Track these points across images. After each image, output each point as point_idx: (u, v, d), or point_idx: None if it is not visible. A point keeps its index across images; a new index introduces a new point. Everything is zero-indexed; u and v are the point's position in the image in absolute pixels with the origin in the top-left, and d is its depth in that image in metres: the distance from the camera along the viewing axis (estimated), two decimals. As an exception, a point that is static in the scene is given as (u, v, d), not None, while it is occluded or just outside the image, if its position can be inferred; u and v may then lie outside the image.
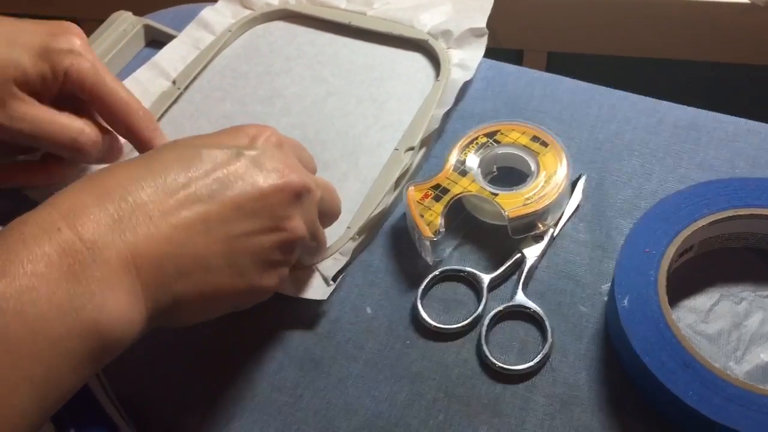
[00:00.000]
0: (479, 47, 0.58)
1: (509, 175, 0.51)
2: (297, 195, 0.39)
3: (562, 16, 0.94)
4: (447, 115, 0.55)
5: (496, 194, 0.47)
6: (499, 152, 0.50)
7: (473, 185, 0.48)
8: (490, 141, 0.51)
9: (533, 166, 0.49)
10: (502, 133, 0.51)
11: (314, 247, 0.44)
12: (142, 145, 0.50)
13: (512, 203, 0.47)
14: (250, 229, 0.37)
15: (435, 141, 0.55)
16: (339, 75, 0.60)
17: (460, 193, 0.48)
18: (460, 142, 0.51)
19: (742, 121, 0.53)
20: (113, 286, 0.32)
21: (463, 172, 0.49)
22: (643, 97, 0.55)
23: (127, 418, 0.42)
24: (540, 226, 0.48)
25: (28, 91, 0.47)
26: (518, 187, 0.48)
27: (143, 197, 0.34)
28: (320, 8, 0.64)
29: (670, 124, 0.53)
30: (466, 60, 0.57)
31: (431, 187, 0.49)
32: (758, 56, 0.91)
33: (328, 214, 0.45)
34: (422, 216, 0.47)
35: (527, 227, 0.47)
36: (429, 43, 0.59)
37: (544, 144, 0.50)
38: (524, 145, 0.50)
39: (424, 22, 0.60)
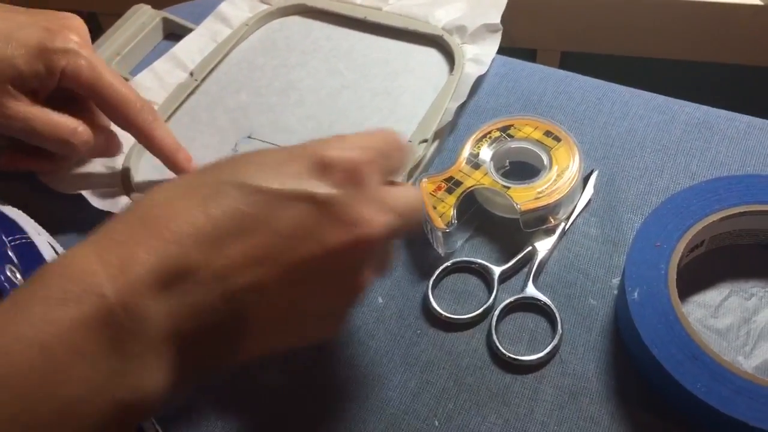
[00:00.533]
0: (493, 42, 0.58)
1: (521, 169, 0.51)
2: (369, 249, 0.33)
3: (576, 15, 0.94)
4: (460, 109, 0.56)
5: (509, 187, 0.48)
6: (512, 146, 0.51)
7: (486, 178, 0.49)
8: (504, 135, 0.51)
9: (546, 161, 0.49)
10: (515, 128, 0.51)
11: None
12: (142, 137, 0.51)
13: (524, 196, 0.47)
14: (309, 291, 0.33)
15: (448, 134, 0.56)
16: (354, 69, 0.60)
17: (472, 186, 0.48)
18: (473, 136, 0.51)
19: (754, 119, 0.53)
20: (150, 363, 0.29)
21: (476, 166, 0.50)
22: (655, 94, 0.56)
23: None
24: (551, 220, 0.48)
25: (23, 89, 0.47)
26: (530, 180, 0.48)
27: (197, 257, 0.30)
28: (336, 3, 0.65)
29: (682, 121, 0.54)
30: (480, 55, 0.58)
31: (444, 179, 0.49)
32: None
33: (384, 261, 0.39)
34: (435, 208, 0.48)
35: (539, 221, 0.48)
36: (443, 38, 0.59)
37: (557, 139, 0.50)
38: (537, 140, 0.50)
39: (439, 18, 0.61)
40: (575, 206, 0.49)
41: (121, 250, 0.30)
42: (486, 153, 0.50)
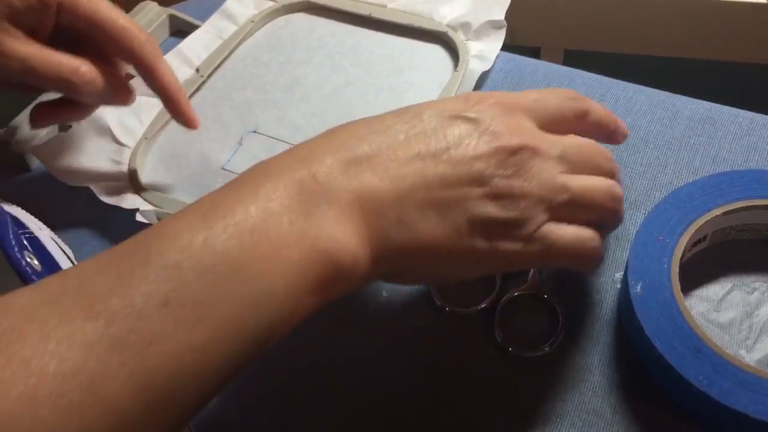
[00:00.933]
0: (497, 39, 0.59)
1: None
2: (513, 154, 0.37)
3: (579, 13, 0.94)
4: (465, 106, 0.56)
5: None
6: None
7: None
8: None
9: None
10: None
11: (573, 241, 0.39)
12: (146, 71, 0.49)
13: None
14: (463, 185, 0.37)
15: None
16: (358, 65, 0.61)
17: None
18: None
19: (758, 116, 0.53)
20: (343, 224, 0.34)
21: None
22: (658, 90, 0.56)
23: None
24: None
25: (21, 27, 0.46)
26: None
27: (369, 150, 0.36)
28: (341, 0, 0.65)
29: (686, 117, 0.54)
30: (484, 51, 0.58)
31: None
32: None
33: (589, 169, 0.40)
34: None
35: None
36: (448, 34, 0.60)
37: None
38: None
39: (444, 15, 0.61)
40: None
41: (308, 148, 0.36)
42: None
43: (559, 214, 0.38)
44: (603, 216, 0.40)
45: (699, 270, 0.46)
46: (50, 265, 0.43)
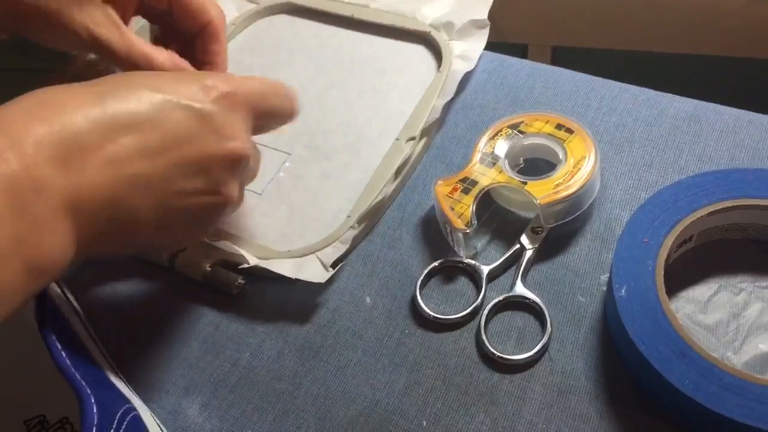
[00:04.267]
0: (481, 39, 0.58)
1: (536, 166, 0.51)
2: (235, 163, 0.40)
3: (567, 9, 0.94)
4: (448, 107, 0.56)
5: (526, 183, 0.47)
6: (525, 143, 0.50)
7: (501, 176, 0.48)
8: (515, 132, 0.51)
9: (561, 154, 0.49)
10: (525, 124, 0.51)
11: (234, 210, 0.45)
12: (212, 46, 0.52)
13: (543, 190, 0.47)
14: (188, 189, 0.38)
15: (436, 132, 0.55)
16: (341, 67, 0.60)
17: (489, 185, 0.48)
18: (484, 135, 0.51)
19: (743, 113, 0.53)
20: (51, 228, 0.33)
21: (491, 164, 0.49)
22: (644, 89, 0.55)
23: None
24: None
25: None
26: (548, 174, 0.48)
27: (94, 140, 0.34)
28: (323, 1, 0.64)
29: (671, 115, 0.53)
30: (467, 51, 0.57)
31: (459, 180, 0.49)
32: (761, 50, 0.91)
33: (250, 177, 0.46)
34: (453, 209, 0.47)
35: (559, 214, 0.47)
36: (431, 34, 0.59)
37: (570, 131, 0.50)
38: (549, 134, 0.50)
39: (426, 14, 0.61)
40: (595, 197, 0.48)
41: (22, 125, 0.33)
42: (499, 150, 0.50)
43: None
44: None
45: (685, 271, 0.45)
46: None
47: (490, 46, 0.59)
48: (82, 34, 0.48)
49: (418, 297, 0.46)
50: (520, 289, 0.46)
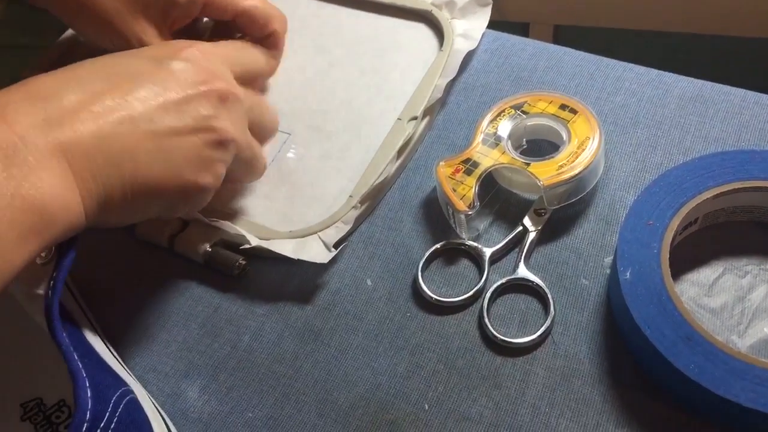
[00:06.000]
0: (483, 17, 0.57)
1: (539, 147, 0.50)
2: (222, 99, 0.41)
3: (569, -12, 0.93)
4: (450, 87, 0.55)
5: (529, 164, 0.47)
6: (528, 124, 0.50)
7: (504, 156, 0.48)
8: (518, 112, 0.50)
9: (564, 135, 0.48)
10: (529, 104, 0.50)
11: (249, 157, 0.46)
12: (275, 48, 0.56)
13: (546, 172, 0.46)
14: (177, 127, 0.39)
15: (438, 111, 0.55)
16: (342, 46, 0.59)
17: (492, 166, 0.47)
18: (487, 115, 0.50)
19: (750, 93, 0.52)
20: (47, 170, 0.34)
21: (493, 145, 0.48)
22: (648, 68, 0.55)
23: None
24: None
25: (157, 17, 0.50)
26: (551, 155, 0.47)
27: (71, 100, 0.36)
28: (323, -22, 0.63)
29: (676, 96, 0.52)
30: (469, 30, 0.56)
31: (462, 161, 0.48)
32: (766, 29, 0.90)
33: (261, 128, 0.48)
34: (455, 190, 0.46)
35: (563, 196, 0.46)
36: (432, 13, 0.58)
37: (573, 111, 0.49)
38: (553, 114, 0.49)
39: (428, -8, 0.60)
40: (599, 179, 0.48)
41: (3, 98, 0.35)
42: (502, 131, 0.49)
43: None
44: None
45: (690, 254, 0.45)
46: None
47: (492, 25, 0.58)
48: (133, 42, 0.50)
49: (420, 279, 0.46)
50: (522, 271, 0.46)
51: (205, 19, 0.56)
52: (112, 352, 0.43)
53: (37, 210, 0.33)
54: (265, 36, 0.54)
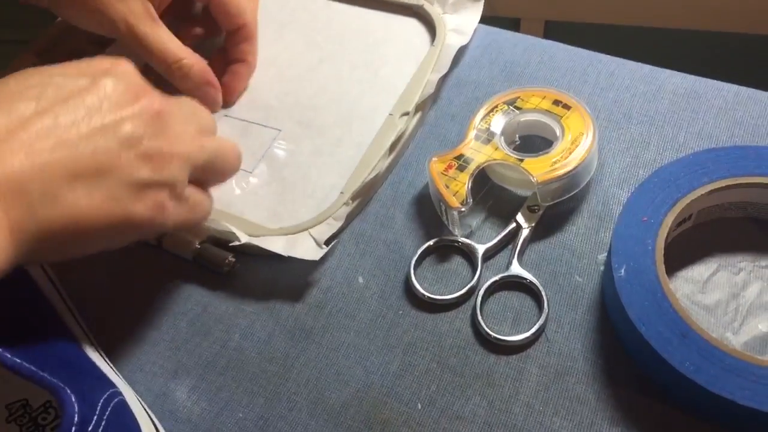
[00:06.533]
0: (475, 12, 0.57)
1: (532, 143, 0.50)
2: (155, 116, 0.38)
3: (560, -17, 0.92)
4: (442, 82, 0.54)
5: (522, 160, 0.46)
6: (521, 119, 0.49)
7: (497, 153, 0.47)
8: (511, 108, 0.49)
9: (558, 131, 0.48)
10: (522, 99, 0.50)
11: (208, 159, 0.42)
12: (244, 45, 0.55)
13: (540, 168, 0.45)
14: (110, 145, 0.36)
15: (430, 107, 0.54)
16: (333, 41, 0.58)
17: (485, 162, 0.47)
18: (480, 111, 0.50)
19: (743, 89, 0.52)
20: None
21: (486, 141, 0.48)
22: (641, 64, 0.54)
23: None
24: None
25: None
26: (545, 151, 0.46)
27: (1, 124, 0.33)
28: (313, -28, 0.62)
29: (669, 91, 0.52)
30: (461, 25, 0.56)
31: (454, 157, 0.47)
32: (759, 25, 0.90)
33: (214, 171, 0.43)
34: (448, 187, 0.46)
35: (557, 192, 0.46)
36: (424, 8, 0.58)
37: (567, 107, 0.48)
38: (546, 110, 0.49)
39: (420, -13, 0.59)
40: (593, 175, 0.47)
41: None
42: (495, 127, 0.49)
43: (197, 175, 0.41)
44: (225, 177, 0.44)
45: (684, 250, 0.45)
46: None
47: (483, 21, 0.57)
48: (119, 24, 0.49)
49: (412, 277, 0.45)
50: (516, 268, 0.45)
51: (198, 2, 0.56)
52: (100, 353, 0.42)
53: None
54: (237, 27, 0.54)
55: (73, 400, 0.33)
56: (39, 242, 0.34)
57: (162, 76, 0.52)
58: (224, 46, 0.56)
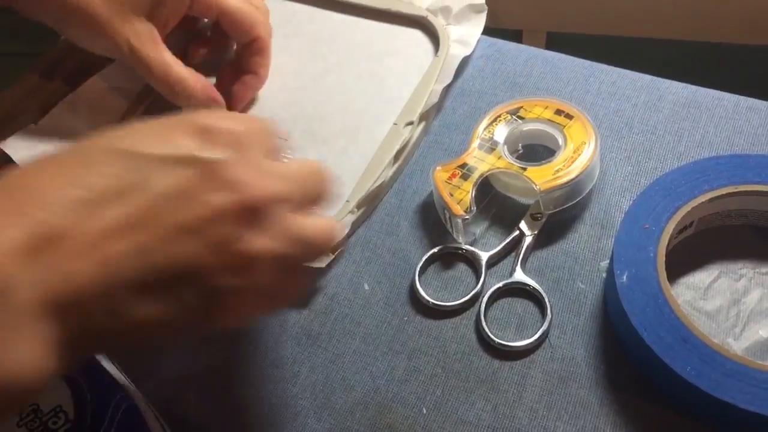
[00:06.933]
0: (478, 23, 0.57)
1: (535, 152, 0.50)
2: (255, 214, 0.31)
3: (562, -5, 0.93)
4: (446, 92, 0.55)
5: (525, 168, 0.47)
6: (524, 129, 0.50)
7: (501, 161, 0.48)
8: (514, 117, 0.50)
9: (560, 140, 0.48)
10: (524, 109, 0.50)
11: (305, 248, 0.34)
12: (259, 55, 0.55)
13: (542, 176, 0.46)
14: (192, 253, 0.30)
15: (434, 116, 0.55)
16: (337, 52, 0.59)
17: (488, 171, 0.47)
18: (483, 120, 0.50)
19: (742, 98, 0.53)
20: (25, 335, 0.27)
21: (489, 150, 0.49)
22: (642, 74, 0.55)
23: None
24: None
25: (154, 20, 0.50)
26: (547, 160, 0.47)
27: (67, 223, 0.28)
28: (318, -15, 0.63)
29: (670, 101, 0.53)
30: (465, 36, 0.57)
31: (458, 166, 0.48)
32: (757, 36, 0.91)
33: (312, 201, 0.35)
34: (452, 195, 0.46)
35: (559, 200, 0.47)
36: (428, 19, 0.58)
37: (569, 116, 0.49)
38: (549, 119, 0.49)
39: (423, -1, 0.60)
40: (595, 183, 0.48)
41: None
42: (498, 136, 0.49)
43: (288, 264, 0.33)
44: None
45: (685, 257, 0.45)
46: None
47: (485, 32, 0.58)
48: (123, 46, 0.49)
49: (417, 284, 0.46)
50: (519, 275, 0.46)
51: (206, 19, 0.56)
52: (110, 359, 0.43)
53: (6, 390, 0.27)
54: (249, 41, 0.54)
55: (87, 400, 0.34)
56: (86, 352, 0.30)
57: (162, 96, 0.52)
58: (236, 58, 0.56)
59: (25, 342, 0.27)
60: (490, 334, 0.44)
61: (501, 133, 0.50)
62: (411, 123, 0.52)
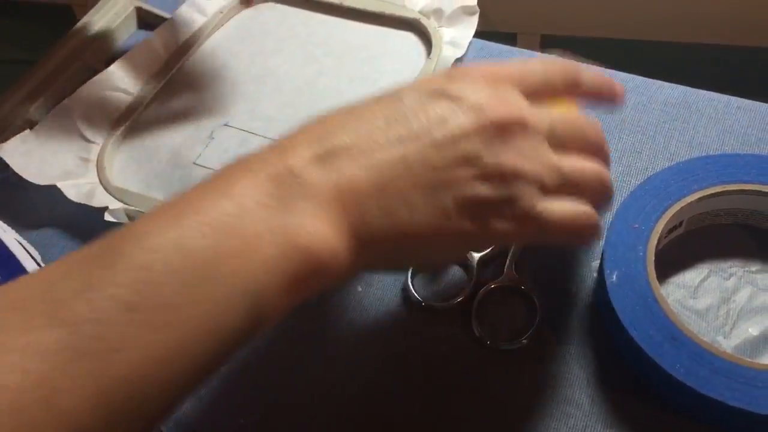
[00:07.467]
0: (470, 25, 0.58)
1: None
2: (502, 130, 0.35)
3: (555, -2, 0.94)
4: (438, 94, 0.55)
5: None
6: None
7: None
8: None
9: None
10: None
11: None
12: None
13: None
14: (449, 167, 0.35)
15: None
16: (331, 54, 0.60)
17: None
18: None
19: (732, 98, 0.53)
20: (320, 218, 0.32)
21: None
22: (633, 75, 0.55)
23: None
24: None
25: None
26: None
27: (346, 141, 0.34)
28: (312, -12, 0.64)
29: (660, 102, 0.53)
30: (457, 38, 0.57)
31: None
32: (748, 38, 0.91)
33: (580, 144, 0.38)
34: None
35: None
36: (420, 21, 0.59)
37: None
38: None
39: (415, 1, 0.60)
40: None
41: (286, 142, 0.35)
42: None
43: (551, 191, 0.36)
44: (593, 198, 0.38)
45: (675, 257, 0.45)
46: (15, 268, 0.42)
47: (480, 35, 0.59)
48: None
49: (410, 284, 0.46)
50: (511, 276, 0.46)
51: None
52: None
53: (307, 260, 0.32)
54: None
55: None
56: (368, 250, 0.34)
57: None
58: None
59: (321, 222, 0.32)
60: (481, 334, 0.44)
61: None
62: (403, 125, 0.52)
